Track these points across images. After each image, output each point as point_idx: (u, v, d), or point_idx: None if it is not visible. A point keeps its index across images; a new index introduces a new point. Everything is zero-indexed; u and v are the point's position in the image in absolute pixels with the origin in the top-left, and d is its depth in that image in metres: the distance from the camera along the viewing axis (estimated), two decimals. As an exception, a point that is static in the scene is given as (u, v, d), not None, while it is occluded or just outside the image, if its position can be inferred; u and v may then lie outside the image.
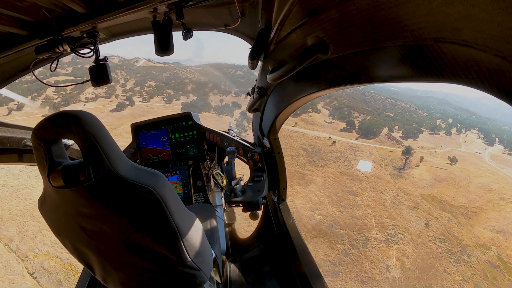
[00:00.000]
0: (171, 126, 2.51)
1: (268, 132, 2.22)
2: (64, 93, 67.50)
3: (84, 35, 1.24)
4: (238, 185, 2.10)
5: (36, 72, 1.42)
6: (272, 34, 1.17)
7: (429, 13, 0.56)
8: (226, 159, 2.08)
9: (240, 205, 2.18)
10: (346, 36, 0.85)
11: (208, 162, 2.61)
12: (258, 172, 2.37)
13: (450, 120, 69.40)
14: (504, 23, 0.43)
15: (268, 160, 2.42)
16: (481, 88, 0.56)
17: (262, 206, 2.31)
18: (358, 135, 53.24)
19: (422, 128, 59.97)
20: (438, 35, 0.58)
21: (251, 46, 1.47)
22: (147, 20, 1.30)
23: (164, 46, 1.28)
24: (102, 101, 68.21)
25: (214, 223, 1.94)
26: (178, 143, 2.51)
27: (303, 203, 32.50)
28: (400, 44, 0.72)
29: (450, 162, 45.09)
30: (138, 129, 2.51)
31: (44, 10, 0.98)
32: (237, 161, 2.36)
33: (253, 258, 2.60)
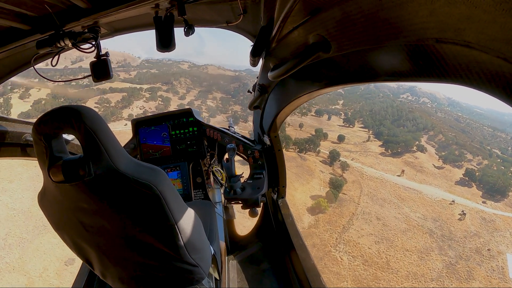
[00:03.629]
0: (172, 122, 2.51)
1: (268, 130, 2.22)
2: (107, 105, 54.75)
3: (86, 30, 1.24)
4: (237, 182, 2.10)
5: (37, 67, 1.42)
6: (274, 32, 1.16)
7: (432, 13, 0.55)
8: (226, 156, 2.08)
9: (240, 202, 2.19)
10: (348, 35, 0.85)
11: (208, 159, 2.61)
12: (258, 170, 2.37)
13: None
14: (506, 25, 0.43)
15: (268, 158, 2.42)
16: (482, 90, 0.55)
17: (262, 203, 2.32)
18: (481, 192, 43.29)
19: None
20: (440, 35, 0.58)
21: (252, 43, 1.47)
22: (149, 16, 1.29)
23: (165, 43, 1.27)
24: (151, 118, 55.59)
25: (213, 219, 1.95)
26: (178, 139, 2.51)
27: None
28: (402, 43, 0.72)
29: None
30: (139, 124, 2.51)
31: (45, 5, 0.98)
32: (237, 158, 2.37)
33: (252, 255, 2.61)
